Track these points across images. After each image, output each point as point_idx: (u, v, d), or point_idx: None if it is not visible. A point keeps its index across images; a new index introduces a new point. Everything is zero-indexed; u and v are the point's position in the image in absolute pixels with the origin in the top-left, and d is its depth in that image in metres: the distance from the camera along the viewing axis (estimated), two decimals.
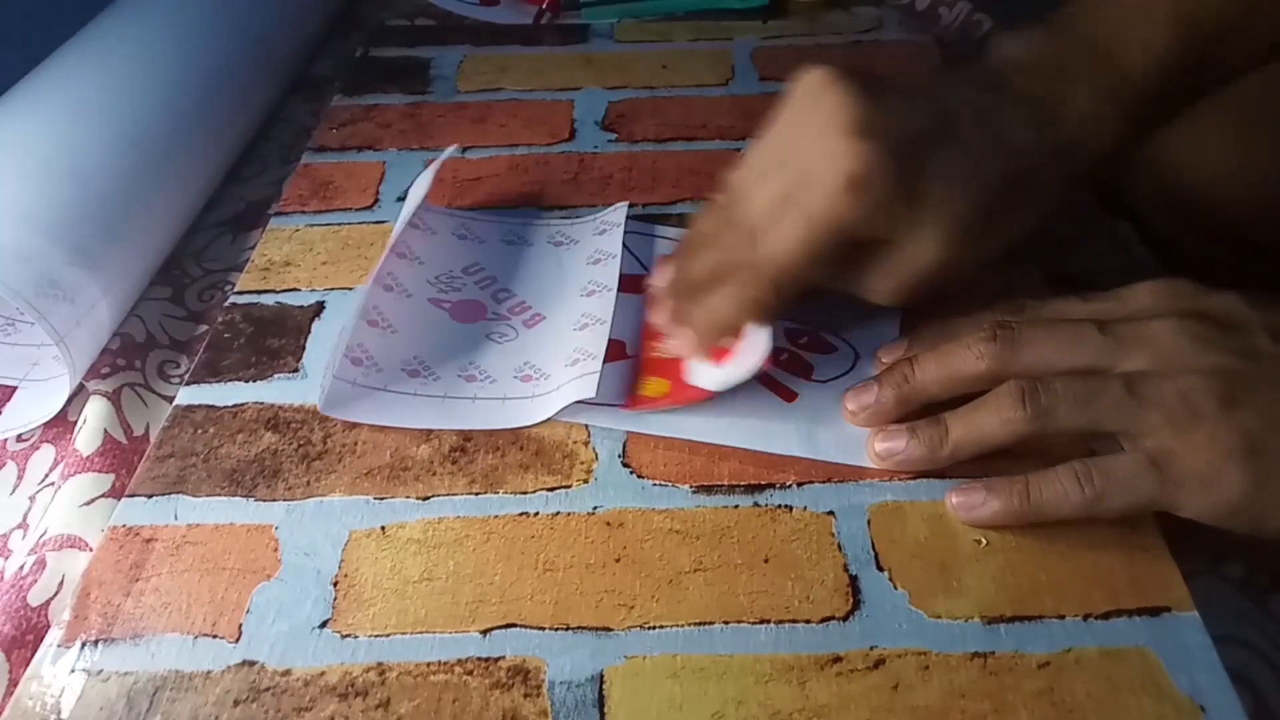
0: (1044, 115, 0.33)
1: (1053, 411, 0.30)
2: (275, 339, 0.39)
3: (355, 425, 0.36)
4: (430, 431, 0.35)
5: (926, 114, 0.32)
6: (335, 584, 0.31)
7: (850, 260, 0.33)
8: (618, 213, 0.44)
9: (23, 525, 0.35)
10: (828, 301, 0.37)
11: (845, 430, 0.34)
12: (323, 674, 0.29)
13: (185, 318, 0.43)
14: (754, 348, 0.34)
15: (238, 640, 0.29)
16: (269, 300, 0.41)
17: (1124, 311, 0.33)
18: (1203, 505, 0.29)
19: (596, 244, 0.43)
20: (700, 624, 0.29)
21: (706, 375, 0.35)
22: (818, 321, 0.39)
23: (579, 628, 0.29)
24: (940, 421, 0.33)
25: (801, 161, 0.32)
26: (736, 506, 0.33)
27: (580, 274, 0.42)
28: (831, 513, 0.32)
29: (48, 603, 0.32)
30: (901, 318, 0.39)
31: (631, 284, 0.41)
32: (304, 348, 0.39)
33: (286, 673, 0.29)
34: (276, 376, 0.38)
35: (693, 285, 0.36)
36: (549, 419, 0.35)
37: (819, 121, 0.32)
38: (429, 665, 0.29)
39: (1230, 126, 0.44)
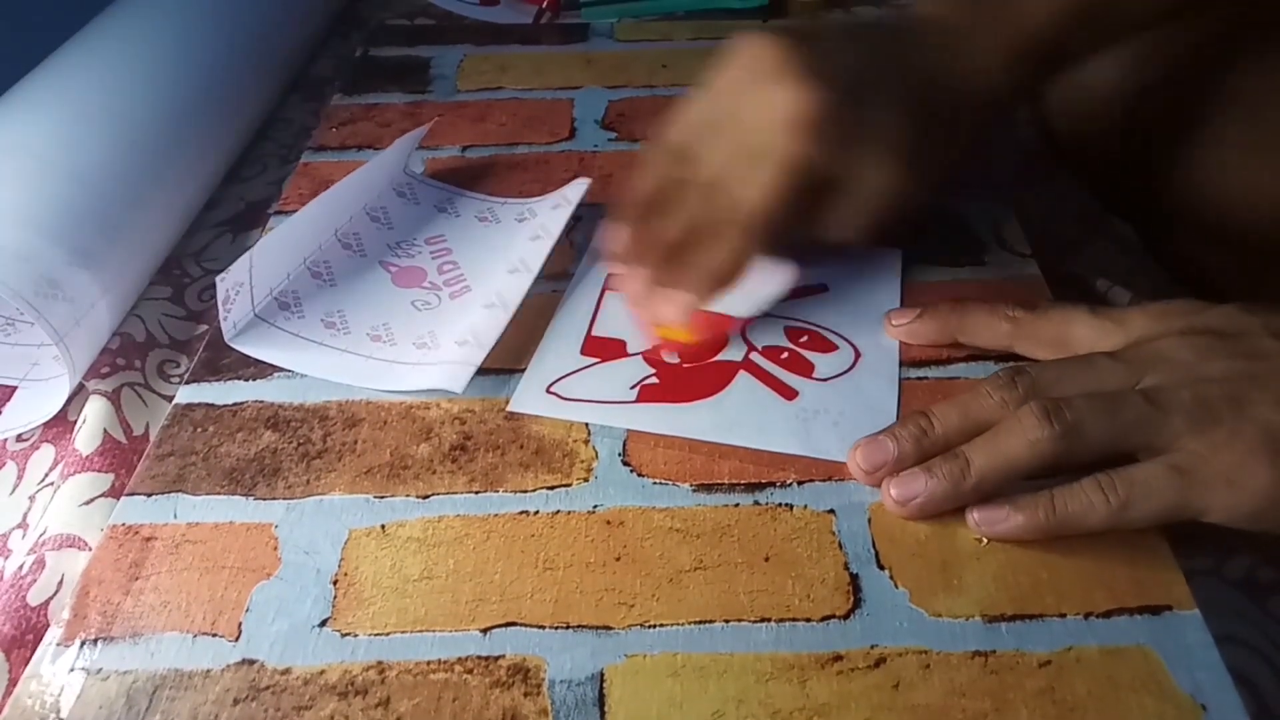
0: (950, 65, 0.35)
1: (1080, 428, 0.30)
2: None
3: (355, 424, 0.36)
4: (430, 429, 0.35)
5: (855, 60, 0.34)
6: (335, 582, 0.31)
7: (811, 205, 0.35)
8: (576, 189, 0.43)
9: (22, 525, 0.35)
10: (827, 300, 0.37)
11: (845, 428, 0.34)
12: (322, 672, 0.28)
13: (185, 317, 0.43)
14: (768, 275, 0.37)
15: (237, 639, 0.29)
16: None
17: (1123, 335, 0.34)
18: (1229, 506, 0.29)
19: (545, 219, 0.43)
20: (700, 622, 0.29)
21: (732, 304, 0.36)
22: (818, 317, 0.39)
23: (579, 626, 0.29)
24: (959, 454, 0.31)
25: (752, 114, 0.34)
26: (737, 505, 0.33)
27: (516, 249, 0.42)
28: (832, 511, 0.32)
29: (47, 602, 0.32)
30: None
31: None
32: None
33: (286, 671, 0.29)
34: (276, 375, 0.38)
35: (667, 249, 0.36)
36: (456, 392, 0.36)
37: (763, 76, 0.34)
38: (429, 664, 0.29)
39: (1233, 134, 0.44)
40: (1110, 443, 0.30)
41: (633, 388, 0.36)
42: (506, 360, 0.38)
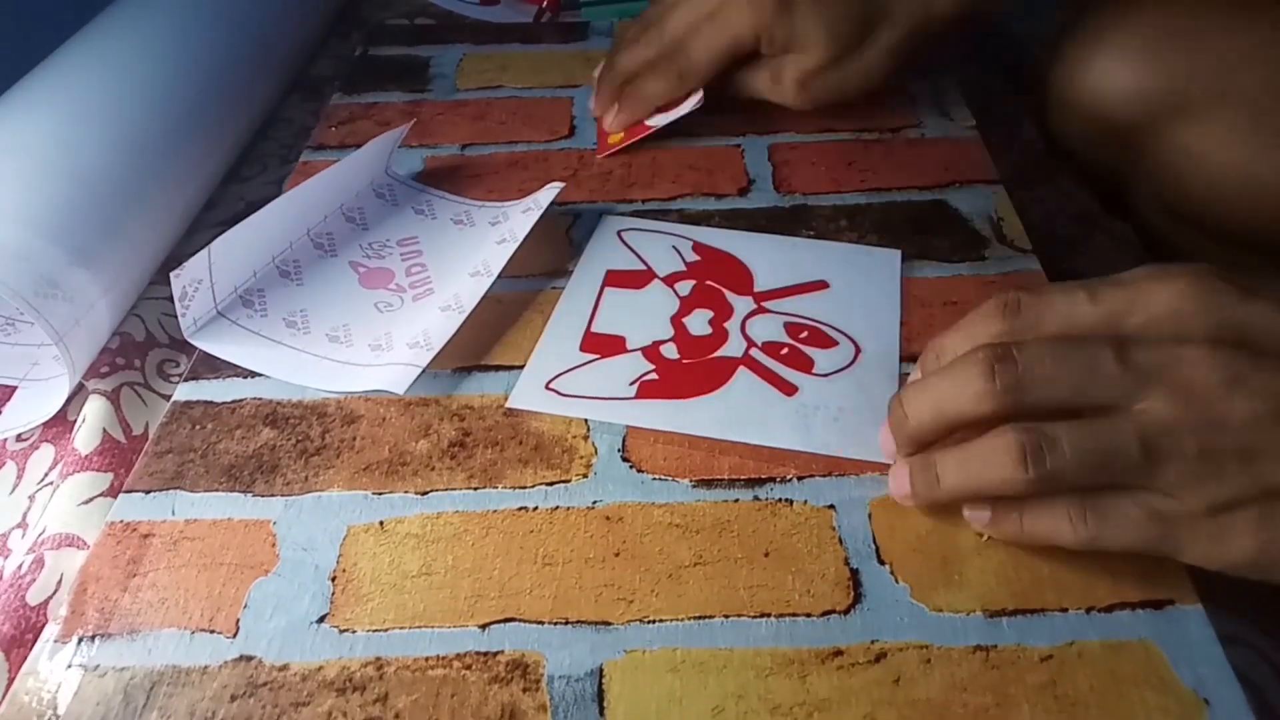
0: None
1: (1060, 475, 0.28)
2: None
3: (354, 420, 0.36)
4: (429, 426, 0.35)
5: None
6: (333, 579, 0.31)
7: (750, 67, 0.47)
8: (548, 193, 0.43)
9: (22, 524, 0.35)
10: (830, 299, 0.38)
11: (845, 423, 0.34)
12: (320, 669, 0.28)
13: None
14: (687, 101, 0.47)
15: (235, 635, 0.29)
16: None
17: (1142, 314, 0.29)
18: (1206, 558, 0.28)
19: (513, 223, 0.43)
20: (700, 618, 0.29)
21: (653, 119, 0.49)
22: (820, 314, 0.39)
23: (578, 622, 0.29)
24: (931, 465, 0.30)
25: None
26: (736, 500, 0.32)
27: (481, 251, 0.42)
28: (832, 506, 0.32)
29: (46, 601, 0.32)
30: (901, 312, 0.39)
31: (630, 279, 0.41)
32: None
33: (284, 668, 0.28)
34: None
35: (623, 75, 0.49)
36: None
37: None
38: (427, 660, 0.29)
39: (1234, 130, 0.44)
40: (1093, 485, 0.28)
41: (632, 384, 0.36)
42: (505, 357, 0.38)
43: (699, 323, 0.39)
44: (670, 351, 0.37)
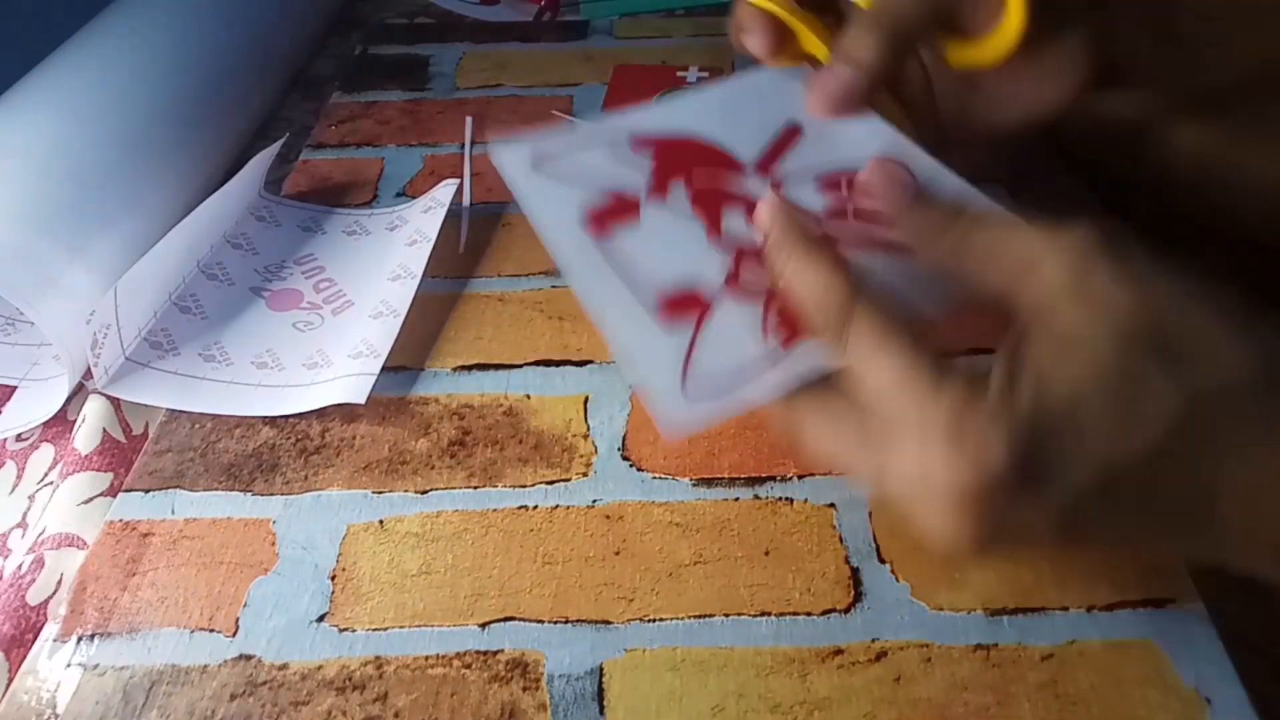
0: None
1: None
2: None
3: (354, 419, 0.35)
4: (429, 425, 0.35)
5: None
6: (333, 578, 0.31)
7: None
8: (445, 190, 0.43)
9: (22, 524, 0.35)
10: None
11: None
12: (320, 668, 0.28)
13: None
14: None
15: (235, 634, 0.29)
16: None
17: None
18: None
19: (419, 223, 0.42)
20: (700, 617, 0.29)
21: None
22: None
23: (578, 621, 0.29)
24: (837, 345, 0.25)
25: None
26: (737, 499, 0.32)
27: (394, 255, 0.41)
28: (832, 505, 0.32)
29: (46, 601, 0.32)
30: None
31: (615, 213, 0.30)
32: None
33: (284, 666, 0.28)
34: None
35: None
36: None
37: None
38: (427, 659, 0.28)
39: (1234, 130, 0.44)
40: None
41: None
42: (505, 356, 0.38)
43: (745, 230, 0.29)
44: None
